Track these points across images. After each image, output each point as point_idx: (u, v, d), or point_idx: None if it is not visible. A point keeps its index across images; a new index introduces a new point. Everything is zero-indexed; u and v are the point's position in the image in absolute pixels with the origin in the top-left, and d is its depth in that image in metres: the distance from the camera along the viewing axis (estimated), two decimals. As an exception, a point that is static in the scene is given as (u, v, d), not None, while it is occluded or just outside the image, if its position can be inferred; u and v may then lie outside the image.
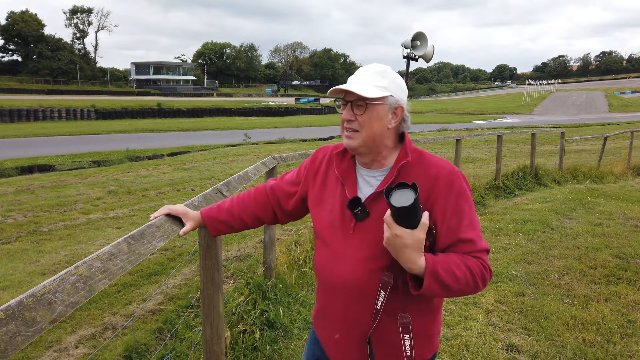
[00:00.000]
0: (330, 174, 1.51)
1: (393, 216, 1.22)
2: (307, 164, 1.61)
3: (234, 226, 1.67)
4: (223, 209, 1.68)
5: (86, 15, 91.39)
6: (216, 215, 1.67)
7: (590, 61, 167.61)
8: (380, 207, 1.35)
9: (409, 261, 1.23)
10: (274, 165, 3.70)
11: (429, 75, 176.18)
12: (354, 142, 1.39)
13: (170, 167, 15.01)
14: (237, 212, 1.67)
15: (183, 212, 1.67)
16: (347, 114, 1.39)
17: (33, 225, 8.38)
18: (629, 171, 11.90)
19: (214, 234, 1.69)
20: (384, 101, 1.36)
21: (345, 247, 1.40)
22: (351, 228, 1.39)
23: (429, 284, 1.23)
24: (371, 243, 1.36)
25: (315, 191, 1.53)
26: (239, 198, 1.71)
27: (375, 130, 1.37)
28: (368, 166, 1.45)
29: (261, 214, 1.67)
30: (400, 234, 1.21)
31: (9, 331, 0.84)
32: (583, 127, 35.50)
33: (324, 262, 1.47)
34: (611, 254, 5.02)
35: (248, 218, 1.67)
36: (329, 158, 1.55)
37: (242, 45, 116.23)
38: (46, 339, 3.64)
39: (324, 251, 1.46)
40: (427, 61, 6.33)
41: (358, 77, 1.38)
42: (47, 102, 44.48)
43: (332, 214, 1.45)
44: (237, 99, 73.19)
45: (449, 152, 15.78)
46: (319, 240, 1.50)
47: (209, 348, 2.22)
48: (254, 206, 1.67)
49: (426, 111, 68.71)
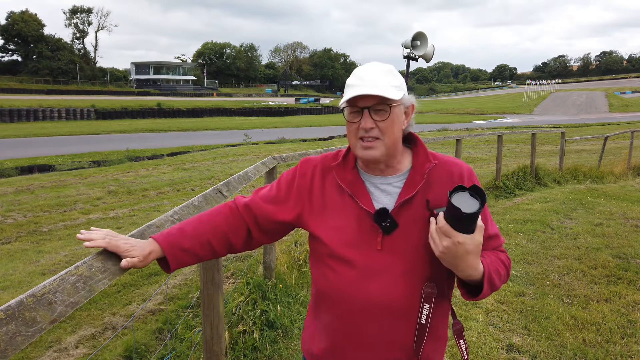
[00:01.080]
0: (329, 188, 1.35)
1: (452, 223, 1.13)
2: (295, 181, 1.40)
3: (199, 254, 1.34)
4: (186, 232, 1.33)
5: (86, 15, 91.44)
6: (179, 241, 1.31)
7: (590, 61, 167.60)
8: (409, 215, 1.26)
9: (470, 268, 1.16)
10: (274, 165, 3.70)
11: (429, 75, 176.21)
12: (376, 152, 1.26)
13: (170, 167, 15.01)
14: (204, 235, 1.34)
15: (124, 247, 1.22)
16: (367, 121, 1.23)
17: (33, 225, 8.38)
18: (629, 171, 11.90)
19: (173, 266, 1.30)
20: (400, 102, 1.27)
21: (376, 264, 1.25)
22: (378, 243, 1.25)
23: (486, 289, 1.20)
24: (407, 255, 1.25)
25: (316, 210, 1.35)
26: (201, 219, 1.39)
27: (396, 134, 1.28)
28: (382, 173, 1.32)
29: (233, 237, 1.38)
30: (462, 241, 1.12)
31: (9, 331, 0.84)
32: (583, 127, 35.51)
33: (350, 285, 1.27)
34: (611, 254, 5.02)
35: (217, 242, 1.36)
36: (322, 171, 1.38)
37: (242, 45, 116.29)
38: (46, 339, 3.64)
39: (348, 273, 1.27)
40: (427, 61, 6.33)
41: (371, 78, 1.23)
42: (47, 102, 44.48)
43: (347, 232, 1.28)
44: (237, 99, 73.21)
45: (449, 152, 15.77)
46: (334, 261, 1.30)
47: (209, 348, 2.22)
48: (225, 227, 1.37)
49: (426, 111, 68.72)
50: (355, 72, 1.29)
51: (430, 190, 1.28)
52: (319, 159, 1.42)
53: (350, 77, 1.29)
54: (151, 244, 1.27)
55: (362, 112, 1.24)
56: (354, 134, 1.28)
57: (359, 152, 1.27)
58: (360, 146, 1.27)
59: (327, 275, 1.32)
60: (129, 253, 1.21)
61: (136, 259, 1.22)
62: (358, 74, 1.26)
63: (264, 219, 1.39)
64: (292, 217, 1.38)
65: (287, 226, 1.41)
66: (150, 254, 1.25)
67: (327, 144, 21.45)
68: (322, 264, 1.34)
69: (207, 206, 2.02)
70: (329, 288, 1.32)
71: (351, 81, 1.27)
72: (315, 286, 1.39)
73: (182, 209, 1.78)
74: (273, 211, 1.38)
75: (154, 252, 1.27)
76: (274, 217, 1.38)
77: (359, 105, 1.24)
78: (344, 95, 1.28)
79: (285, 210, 1.38)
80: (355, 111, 1.26)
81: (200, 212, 1.45)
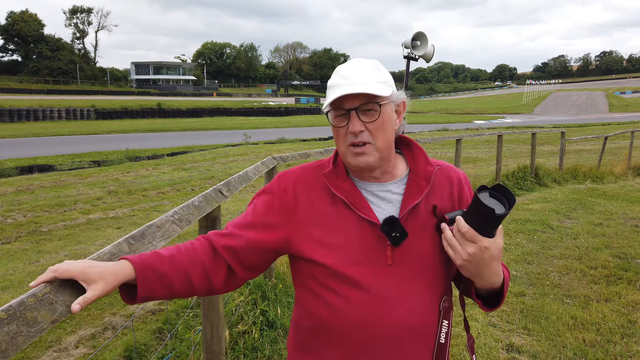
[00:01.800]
0: (318, 202, 1.19)
1: (477, 226, 1.03)
2: (274, 200, 1.22)
3: (174, 285, 1.09)
4: (163, 257, 1.10)
5: (86, 15, 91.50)
6: (157, 265, 1.07)
7: (590, 61, 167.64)
8: (416, 223, 1.14)
9: (494, 275, 1.07)
10: (274, 165, 3.70)
11: (429, 75, 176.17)
12: (369, 158, 1.13)
13: (170, 167, 15.01)
14: (181, 264, 1.11)
15: (81, 271, 0.97)
16: (355, 124, 1.11)
17: (33, 225, 8.38)
18: (629, 171, 11.90)
19: (142, 294, 1.04)
20: (390, 99, 1.15)
21: (390, 281, 1.10)
22: (389, 257, 1.12)
23: (504, 296, 1.13)
24: (422, 267, 1.13)
25: (306, 229, 1.17)
26: (178, 247, 1.15)
27: (389, 136, 1.15)
28: (377, 180, 1.20)
29: (214, 275, 1.15)
30: (489, 246, 1.02)
31: (10, 331, 0.84)
32: (583, 127, 35.52)
33: (365, 310, 1.10)
34: (611, 254, 5.03)
35: (197, 276, 1.13)
36: (305, 184, 1.22)
37: (242, 45, 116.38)
38: (46, 339, 3.65)
39: (358, 296, 1.11)
40: (427, 61, 6.32)
41: (356, 76, 1.12)
42: (47, 102, 44.47)
43: (350, 248, 1.13)
44: (237, 99, 73.22)
45: (449, 152, 15.79)
46: (338, 284, 1.13)
47: (209, 348, 2.22)
48: (206, 262, 1.15)
49: (426, 111, 68.72)
50: (338, 70, 1.17)
51: (433, 195, 1.19)
52: (298, 172, 1.26)
53: (332, 76, 1.16)
54: (114, 272, 1.01)
55: (349, 114, 1.12)
56: (342, 140, 1.15)
57: (351, 159, 1.15)
58: (350, 153, 1.14)
59: (330, 303, 1.13)
60: (87, 277, 0.97)
61: (95, 292, 0.96)
62: (341, 73, 1.14)
63: (245, 253, 1.18)
64: (279, 241, 1.19)
65: (272, 254, 1.22)
66: (115, 275, 1.00)
67: (327, 144, 21.45)
68: (321, 290, 1.15)
69: (207, 206, 2.02)
70: (336, 318, 1.12)
71: (334, 81, 1.14)
72: (311, 318, 1.18)
73: (182, 209, 1.78)
74: (255, 239, 1.18)
75: (120, 273, 1.01)
76: (257, 246, 1.18)
77: (344, 107, 1.12)
78: (327, 97, 1.15)
79: (270, 235, 1.19)
80: (341, 114, 1.14)
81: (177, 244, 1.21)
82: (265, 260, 1.22)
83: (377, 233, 1.12)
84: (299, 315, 1.23)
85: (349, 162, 1.16)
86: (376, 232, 1.12)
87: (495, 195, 1.04)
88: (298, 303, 1.24)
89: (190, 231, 6.33)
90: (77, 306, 0.94)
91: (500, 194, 1.03)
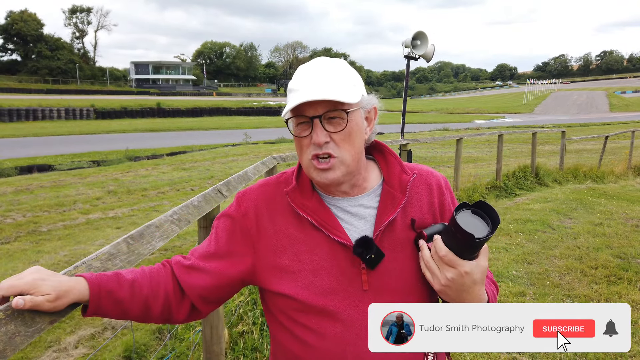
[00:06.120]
0: (281, 224, 1.07)
1: (457, 249, 0.94)
2: (236, 225, 1.10)
3: (130, 312, 1.01)
4: (123, 281, 0.99)
5: (85, 15, 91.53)
6: (115, 289, 0.97)
7: (591, 60, 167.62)
8: (392, 240, 1.03)
9: (475, 299, 0.97)
10: (273, 165, 3.70)
11: (429, 75, 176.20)
12: (336, 173, 1.01)
13: (170, 166, 15.01)
14: (142, 292, 1.01)
15: (31, 284, 0.88)
16: (319, 135, 0.98)
17: (32, 225, 8.38)
18: (630, 171, 11.91)
19: (93, 310, 0.96)
20: (359, 105, 1.03)
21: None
22: (364, 282, 1.00)
23: None
24: (403, 291, 1.02)
25: (271, 256, 1.06)
26: (143, 274, 1.04)
27: (358, 147, 1.03)
28: (347, 195, 1.08)
29: (176, 312, 1.07)
30: (470, 270, 0.94)
31: (9, 331, 0.84)
32: (584, 126, 35.52)
33: (342, 346, 0.99)
34: (612, 254, 5.02)
35: (158, 307, 1.04)
36: (267, 204, 1.10)
37: (241, 45, 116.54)
38: (45, 339, 3.64)
39: (332, 330, 1.00)
40: (427, 60, 6.31)
41: (319, 79, 0.99)
42: (47, 102, 44.46)
43: (320, 275, 1.01)
44: (237, 99, 73.27)
45: (450, 151, 15.79)
46: (310, 318, 1.02)
47: (208, 348, 2.22)
48: (171, 296, 1.06)
49: (426, 111, 68.69)
50: (299, 71, 1.03)
51: (410, 206, 1.07)
52: (258, 191, 1.13)
53: (294, 77, 1.03)
54: (74, 281, 0.94)
55: (312, 122, 0.99)
56: (305, 152, 1.02)
57: (314, 175, 1.02)
58: (314, 168, 1.02)
59: (303, 340, 1.02)
60: (38, 289, 0.88)
61: (43, 297, 0.87)
62: (303, 74, 1.01)
63: (211, 290, 1.07)
64: (244, 271, 1.08)
65: (239, 285, 1.11)
66: (68, 292, 0.91)
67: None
68: (293, 326, 1.04)
69: (206, 206, 2.01)
70: (311, 355, 1.02)
71: (294, 84, 1.01)
72: (287, 355, 1.07)
73: (182, 209, 1.78)
74: (220, 271, 1.07)
75: (72, 292, 0.92)
76: (222, 279, 1.07)
77: (306, 115, 0.99)
78: (287, 103, 1.01)
79: (235, 265, 1.08)
80: (303, 122, 1.01)
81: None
82: (231, 293, 1.13)
83: (350, 256, 1.01)
84: (275, 350, 1.14)
85: (312, 178, 1.05)
86: (349, 254, 1.01)
87: (478, 212, 0.94)
88: (272, 337, 1.15)
89: (189, 231, 6.33)
90: (21, 301, 0.85)
91: (481, 210, 0.94)
